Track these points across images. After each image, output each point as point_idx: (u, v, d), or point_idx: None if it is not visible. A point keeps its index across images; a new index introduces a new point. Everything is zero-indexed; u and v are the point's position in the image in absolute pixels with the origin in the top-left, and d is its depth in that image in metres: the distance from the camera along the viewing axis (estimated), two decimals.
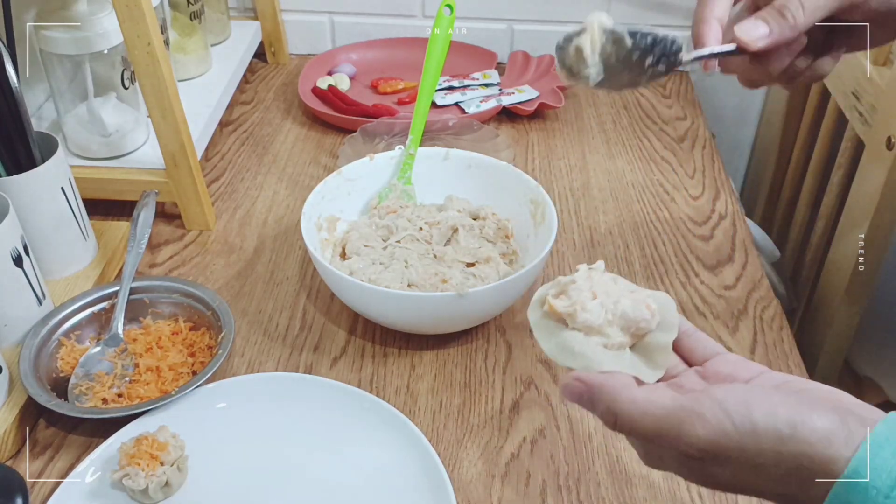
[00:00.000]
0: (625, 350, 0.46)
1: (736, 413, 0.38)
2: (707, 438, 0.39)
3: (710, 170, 0.99)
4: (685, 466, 0.41)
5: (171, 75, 0.78)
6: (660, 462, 0.43)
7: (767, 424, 0.38)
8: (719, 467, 0.39)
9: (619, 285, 0.48)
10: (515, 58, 1.17)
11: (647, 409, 0.40)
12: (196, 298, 0.73)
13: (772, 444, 0.38)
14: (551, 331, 0.47)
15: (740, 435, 0.38)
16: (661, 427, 0.40)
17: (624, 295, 0.46)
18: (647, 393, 0.41)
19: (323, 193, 0.79)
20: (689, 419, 0.39)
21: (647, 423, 0.40)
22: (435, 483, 0.59)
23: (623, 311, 0.46)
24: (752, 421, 0.38)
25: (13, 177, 0.70)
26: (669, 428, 0.40)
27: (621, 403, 0.41)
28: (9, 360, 0.67)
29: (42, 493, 0.61)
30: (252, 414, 0.66)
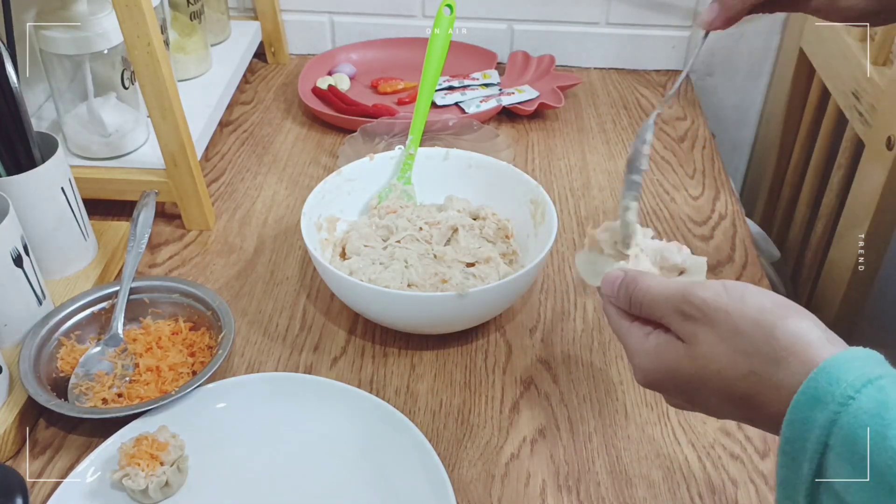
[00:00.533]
0: None
1: (731, 287, 0.45)
2: (703, 296, 0.45)
3: (710, 170, 0.99)
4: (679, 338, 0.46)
5: (171, 75, 0.78)
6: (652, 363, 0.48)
7: (754, 299, 0.43)
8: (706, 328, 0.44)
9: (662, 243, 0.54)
10: (515, 58, 1.17)
11: (665, 283, 0.48)
12: (196, 298, 0.73)
13: (754, 312, 0.43)
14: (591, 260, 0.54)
15: (730, 300, 0.44)
16: (671, 291, 0.46)
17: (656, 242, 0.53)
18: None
19: (323, 193, 0.79)
20: (694, 287, 0.46)
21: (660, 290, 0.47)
22: (435, 483, 0.59)
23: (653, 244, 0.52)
24: (742, 294, 0.44)
25: (13, 177, 0.70)
26: (678, 291, 0.46)
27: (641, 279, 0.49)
28: (9, 360, 0.67)
29: (42, 493, 0.61)
30: (252, 414, 0.66)
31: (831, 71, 1.00)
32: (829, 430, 0.37)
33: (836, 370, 0.38)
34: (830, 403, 0.37)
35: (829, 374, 0.38)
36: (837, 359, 0.38)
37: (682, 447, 0.65)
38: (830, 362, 0.38)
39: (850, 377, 0.37)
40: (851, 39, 0.95)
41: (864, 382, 0.37)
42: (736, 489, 0.62)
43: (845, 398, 0.37)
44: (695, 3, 1.15)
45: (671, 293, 0.47)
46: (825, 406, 0.37)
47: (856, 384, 0.37)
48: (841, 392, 0.37)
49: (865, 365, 0.38)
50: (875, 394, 0.36)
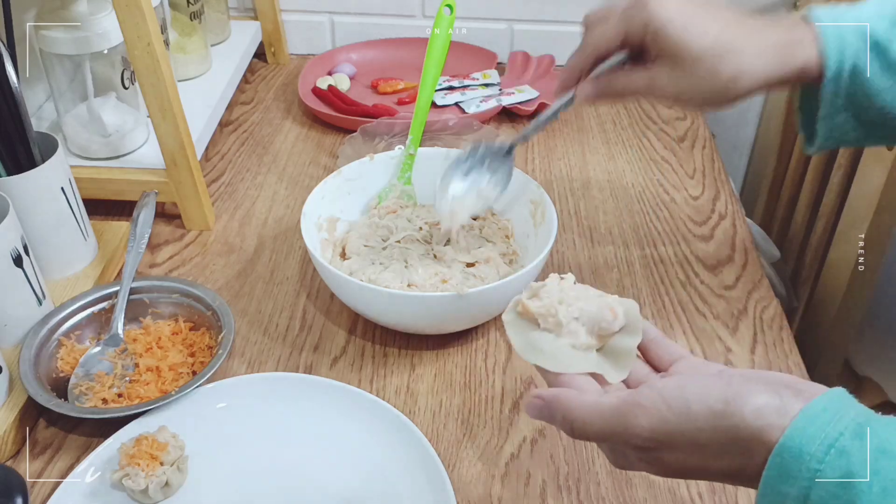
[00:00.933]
0: (591, 351, 0.49)
1: (672, 398, 0.41)
2: (650, 427, 0.41)
3: (710, 170, 0.99)
4: (643, 460, 0.44)
5: (171, 75, 0.78)
6: (626, 462, 0.46)
7: (700, 405, 0.41)
8: (669, 452, 0.42)
9: (588, 292, 0.50)
10: (515, 58, 1.17)
11: (596, 410, 0.43)
12: (196, 298, 0.73)
13: (707, 421, 0.40)
14: (524, 330, 0.50)
15: (677, 418, 0.41)
16: (610, 424, 0.43)
17: (591, 298, 0.49)
18: (595, 396, 0.44)
19: (323, 193, 0.79)
20: (632, 412, 0.42)
21: (599, 424, 0.43)
22: (435, 483, 0.59)
23: (588, 312, 0.48)
24: (686, 404, 0.41)
25: (13, 177, 0.70)
26: (617, 424, 0.42)
27: (574, 410, 0.44)
28: (9, 360, 0.67)
29: (42, 493, 0.61)
30: (252, 414, 0.66)
31: None
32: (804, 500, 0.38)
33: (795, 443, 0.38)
34: (798, 479, 0.37)
35: (790, 450, 0.38)
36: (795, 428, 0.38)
37: None
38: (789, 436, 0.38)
39: (812, 447, 0.37)
40: None
41: (826, 450, 0.37)
42: (736, 489, 0.62)
43: (812, 472, 0.37)
44: None
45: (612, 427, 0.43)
46: (794, 482, 0.38)
47: (818, 454, 0.37)
48: (806, 467, 0.37)
49: (824, 425, 0.38)
50: (838, 461, 0.37)
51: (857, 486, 0.36)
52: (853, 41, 0.56)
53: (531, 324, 0.50)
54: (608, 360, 0.48)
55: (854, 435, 0.38)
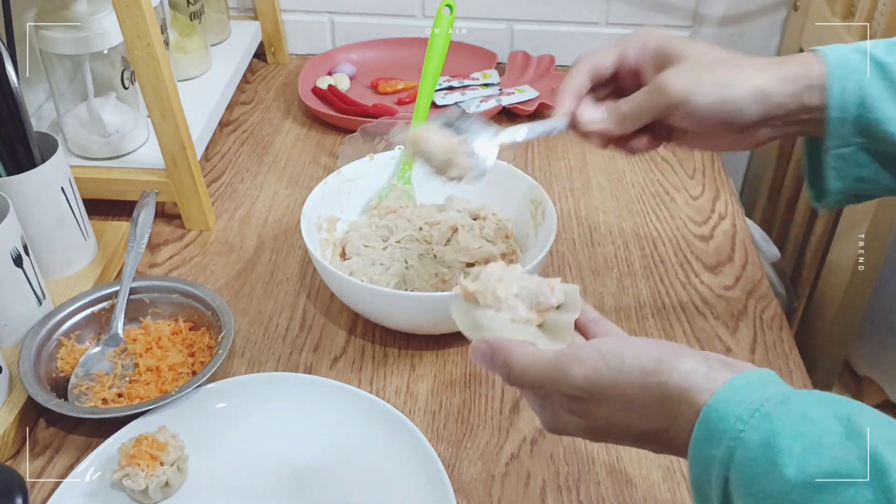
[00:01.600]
0: (531, 326, 0.50)
1: (608, 354, 0.44)
2: (583, 376, 0.44)
3: (710, 170, 0.99)
4: (574, 412, 0.46)
5: (171, 75, 0.78)
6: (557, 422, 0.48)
7: (633, 361, 0.43)
8: (598, 405, 0.44)
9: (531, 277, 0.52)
10: (515, 58, 1.17)
11: (535, 359, 0.46)
12: (196, 298, 0.73)
13: (638, 377, 0.43)
14: (466, 311, 0.52)
15: (611, 371, 0.44)
16: (546, 372, 0.46)
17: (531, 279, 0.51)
18: (536, 350, 0.47)
19: (323, 193, 0.79)
20: (569, 363, 0.45)
21: (535, 371, 0.46)
22: (435, 483, 0.59)
23: (527, 288, 0.50)
24: (621, 359, 0.44)
25: (13, 177, 0.70)
26: (553, 372, 0.45)
27: (514, 356, 0.47)
28: (9, 360, 0.67)
29: (42, 493, 0.61)
30: (252, 414, 0.66)
31: None
32: (727, 464, 0.39)
33: (722, 405, 0.40)
34: (724, 439, 0.39)
35: (717, 411, 0.40)
36: (722, 393, 0.40)
37: None
38: (716, 399, 0.40)
39: (737, 410, 0.39)
40: (851, 39, 0.95)
41: (751, 412, 0.39)
42: None
43: (736, 432, 0.38)
44: (695, 3, 1.15)
45: (548, 374, 0.46)
46: (719, 442, 0.39)
47: (743, 416, 0.39)
48: (731, 427, 0.39)
49: (751, 392, 0.40)
50: (762, 423, 0.38)
51: (779, 445, 0.37)
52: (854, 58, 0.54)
53: (472, 304, 0.51)
54: (547, 335, 0.50)
55: (779, 401, 0.39)
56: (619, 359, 0.44)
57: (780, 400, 0.39)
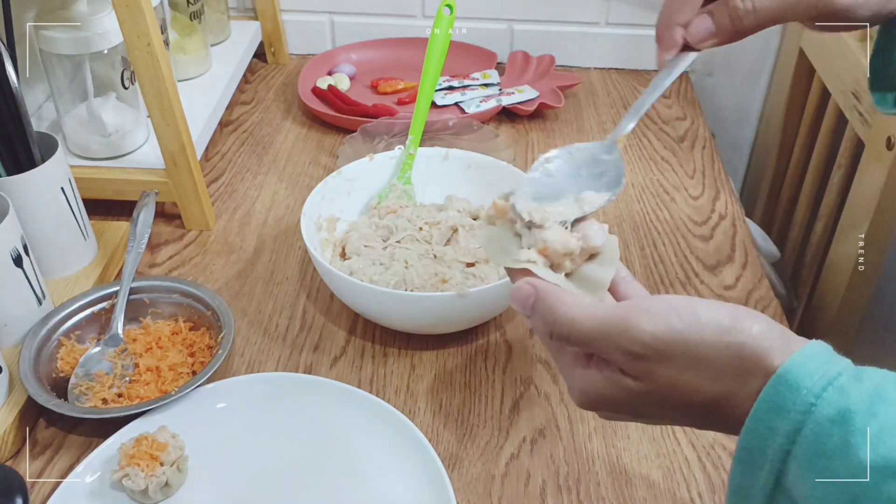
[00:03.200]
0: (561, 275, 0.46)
1: (681, 308, 0.40)
2: (654, 332, 0.40)
3: (710, 170, 0.99)
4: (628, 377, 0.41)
5: (171, 75, 0.78)
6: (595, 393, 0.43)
7: (710, 317, 0.40)
8: (664, 365, 0.40)
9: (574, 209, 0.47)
10: (515, 58, 1.17)
11: (591, 311, 0.41)
12: (196, 298, 0.73)
13: (714, 334, 0.39)
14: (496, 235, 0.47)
15: (685, 326, 0.39)
16: (606, 325, 0.41)
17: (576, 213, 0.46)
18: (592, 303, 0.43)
19: (323, 193, 0.79)
20: (636, 315, 0.40)
21: (591, 324, 0.41)
22: (435, 483, 0.59)
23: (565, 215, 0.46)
24: (696, 314, 0.40)
25: (13, 177, 0.70)
26: (616, 325, 0.40)
27: (565, 306, 0.42)
28: (9, 360, 0.67)
29: (42, 493, 0.61)
30: (252, 414, 0.66)
31: (831, 71, 1.00)
32: (792, 438, 0.36)
33: (794, 375, 0.37)
34: (792, 412, 0.36)
35: (787, 381, 0.37)
36: (794, 361, 0.38)
37: (682, 447, 0.65)
38: (788, 367, 0.37)
39: (809, 382, 0.37)
40: (851, 39, 0.95)
41: (824, 385, 0.36)
42: None
43: (807, 405, 0.36)
44: None
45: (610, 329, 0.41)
46: (787, 415, 0.37)
47: (815, 389, 0.36)
48: (802, 399, 0.36)
49: (823, 364, 0.37)
50: (836, 398, 0.36)
51: (854, 424, 0.35)
52: None
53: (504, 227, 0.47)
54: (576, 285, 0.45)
55: (853, 377, 0.37)
56: (693, 315, 0.40)
57: (853, 375, 0.37)
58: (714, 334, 0.39)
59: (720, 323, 0.39)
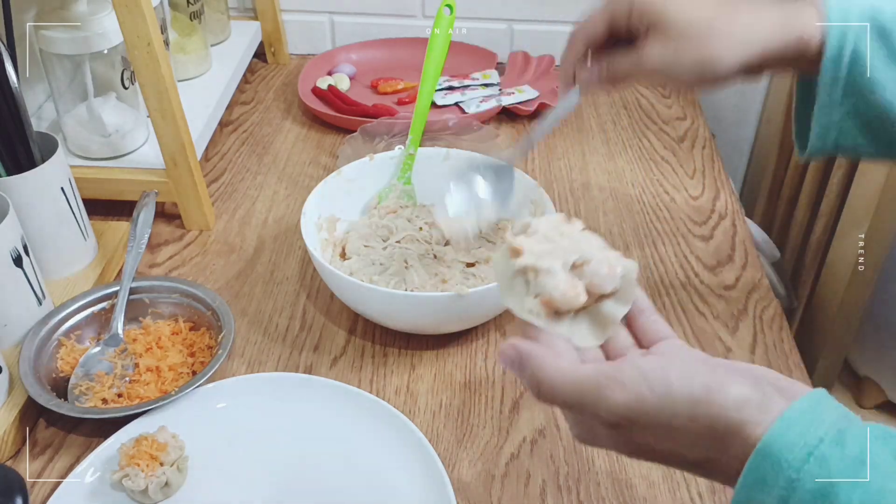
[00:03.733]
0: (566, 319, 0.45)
1: (653, 378, 0.39)
2: (625, 403, 0.39)
3: (710, 170, 0.99)
4: (611, 437, 0.42)
5: (171, 75, 0.78)
6: (591, 437, 0.44)
7: (682, 388, 0.39)
8: (640, 433, 0.41)
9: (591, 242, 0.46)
10: (515, 58, 1.17)
11: (569, 377, 0.41)
12: (196, 298, 0.73)
13: (686, 407, 0.39)
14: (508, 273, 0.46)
15: (657, 398, 0.39)
16: (582, 394, 0.41)
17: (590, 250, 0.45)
18: (572, 363, 0.43)
19: (323, 193, 0.79)
20: (609, 385, 0.40)
21: (569, 391, 0.41)
22: (435, 483, 0.59)
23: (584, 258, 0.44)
24: (667, 385, 0.39)
25: (13, 177, 0.70)
26: (589, 394, 0.40)
27: (546, 371, 0.42)
28: (9, 360, 0.67)
29: (42, 493, 0.61)
30: (252, 414, 0.66)
31: None
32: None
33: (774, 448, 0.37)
34: (775, 487, 0.36)
35: (767, 456, 0.37)
36: (774, 432, 0.37)
37: None
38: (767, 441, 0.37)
39: (790, 455, 0.36)
40: None
41: (805, 457, 0.36)
42: None
43: (789, 481, 0.36)
44: None
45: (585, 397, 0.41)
46: (770, 490, 0.37)
47: (795, 463, 0.36)
48: (783, 475, 0.36)
49: (804, 431, 0.37)
50: (818, 470, 0.36)
51: (836, 497, 0.35)
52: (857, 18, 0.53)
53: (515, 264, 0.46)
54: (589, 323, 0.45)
55: (834, 442, 0.36)
56: (665, 384, 0.39)
57: (835, 439, 0.37)
58: (686, 407, 0.39)
59: (692, 394, 0.39)
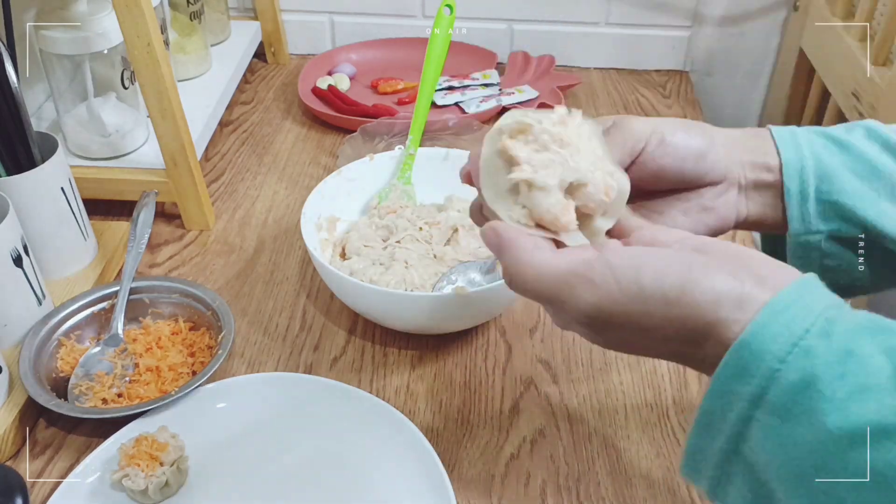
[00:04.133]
0: None
1: (623, 277, 0.38)
2: (593, 303, 0.39)
3: None
4: (586, 333, 0.42)
5: (171, 75, 0.78)
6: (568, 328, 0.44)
7: (654, 288, 0.38)
8: (611, 331, 0.40)
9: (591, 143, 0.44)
10: (515, 58, 1.17)
11: (542, 273, 0.41)
12: (196, 298, 0.73)
13: (658, 307, 0.38)
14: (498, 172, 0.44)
15: (627, 298, 0.38)
16: (552, 290, 0.40)
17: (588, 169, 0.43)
18: (547, 258, 0.41)
19: (323, 193, 0.79)
20: (580, 284, 0.39)
21: (540, 286, 0.41)
22: (435, 483, 0.59)
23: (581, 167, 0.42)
24: (638, 284, 0.38)
25: (13, 177, 0.70)
26: (559, 292, 0.40)
27: (520, 265, 0.41)
28: (9, 360, 0.67)
29: (42, 493, 0.61)
30: (252, 414, 0.66)
31: (831, 71, 1.00)
32: (756, 404, 0.35)
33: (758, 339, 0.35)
34: (755, 377, 0.35)
35: (750, 346, 0.35)
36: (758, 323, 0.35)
37: (683, 447, 0.65)
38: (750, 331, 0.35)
39: (773, 346, 0.35)
40: (851, 39, 0.95)
41: (789, 349, 0.34)
42: None
43: (770, 371, 0.34)
44: (695, 3, 1.15)
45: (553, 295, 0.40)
46: (749, 380, 0.35)
47: (779, 353, 0.34)
48: (765, 365, 0.35)
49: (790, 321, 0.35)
50: (801, 362, 0.34)
51: (819, 389, 0.33)
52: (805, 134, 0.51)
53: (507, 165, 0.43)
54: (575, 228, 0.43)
55: (821, 333, 0.35)
56: (636, 284, 0.38)
57: (822, 331, 0.35)
58: (658, 306, 0.38)
59: (665, 294, 0.37)
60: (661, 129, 0.49)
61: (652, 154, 0.49)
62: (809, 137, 0.51)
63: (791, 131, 0.51)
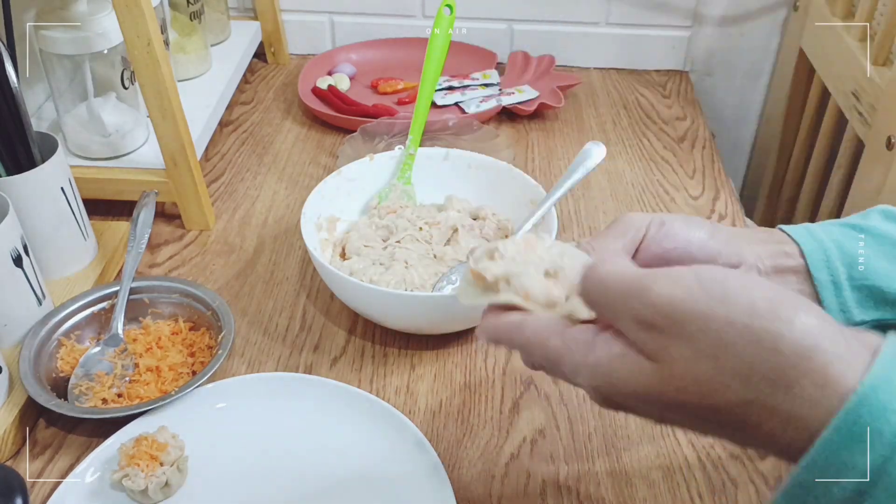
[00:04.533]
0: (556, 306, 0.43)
1: (708, 279, 0.33)
2: (670, 296, 0.33)
3: (710, 170, 0.99)
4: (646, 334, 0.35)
5: (171, 75, 0.78)
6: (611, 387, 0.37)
7: (742, 295, 0.32)
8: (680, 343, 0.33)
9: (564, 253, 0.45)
10: (515, 58, 1.17)
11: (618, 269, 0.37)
12: (196, 298, 0.73)
13: (744, 316, 0.31)
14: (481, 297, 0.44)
15: (709, 298, 0.32)
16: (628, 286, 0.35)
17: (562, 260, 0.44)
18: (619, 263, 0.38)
19: (323, 193, 0.79)
20: (655, 279, 0.35)
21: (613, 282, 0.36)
22: (435, 483, 0.59)
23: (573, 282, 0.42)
24: (724, 287, 0.33)
25: (13, 177, 0.70)
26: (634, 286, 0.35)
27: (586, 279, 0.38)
28: (9, 360, 0.67)
29: (42, 493, 0.61)
30: (252, 414, 0.66)
31: (831, 71, 1.00)
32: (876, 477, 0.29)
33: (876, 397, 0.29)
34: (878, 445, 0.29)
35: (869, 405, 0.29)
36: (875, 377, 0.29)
37: (682, 447, 0.65)
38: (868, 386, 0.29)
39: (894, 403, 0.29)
40: (851, 39, 0.95)
41: None
42: (736, 489, 0.62)
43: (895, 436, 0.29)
44: (695, 3, 1.15)
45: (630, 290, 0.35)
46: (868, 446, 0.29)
47: None
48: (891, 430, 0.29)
49: None
50: None
51: None
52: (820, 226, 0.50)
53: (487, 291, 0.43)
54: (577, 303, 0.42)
55: None
56: (721, 287, 0.32)
57: None
58: (743, 317, 0.31)
59: (752, 304, 0.31)
60: (661, 217, 0.48)
61: (654, 238, 0.47)
62: (825, 228, 0.49)
63: (804, 226, 0.50)
